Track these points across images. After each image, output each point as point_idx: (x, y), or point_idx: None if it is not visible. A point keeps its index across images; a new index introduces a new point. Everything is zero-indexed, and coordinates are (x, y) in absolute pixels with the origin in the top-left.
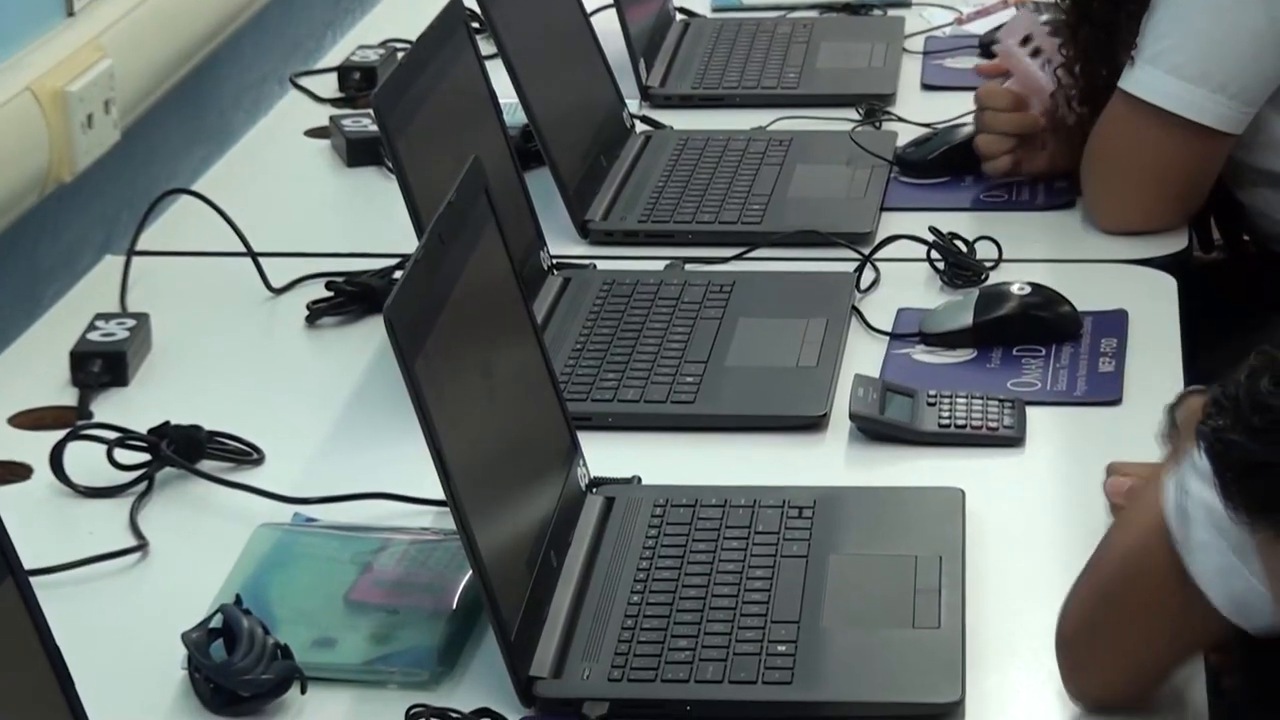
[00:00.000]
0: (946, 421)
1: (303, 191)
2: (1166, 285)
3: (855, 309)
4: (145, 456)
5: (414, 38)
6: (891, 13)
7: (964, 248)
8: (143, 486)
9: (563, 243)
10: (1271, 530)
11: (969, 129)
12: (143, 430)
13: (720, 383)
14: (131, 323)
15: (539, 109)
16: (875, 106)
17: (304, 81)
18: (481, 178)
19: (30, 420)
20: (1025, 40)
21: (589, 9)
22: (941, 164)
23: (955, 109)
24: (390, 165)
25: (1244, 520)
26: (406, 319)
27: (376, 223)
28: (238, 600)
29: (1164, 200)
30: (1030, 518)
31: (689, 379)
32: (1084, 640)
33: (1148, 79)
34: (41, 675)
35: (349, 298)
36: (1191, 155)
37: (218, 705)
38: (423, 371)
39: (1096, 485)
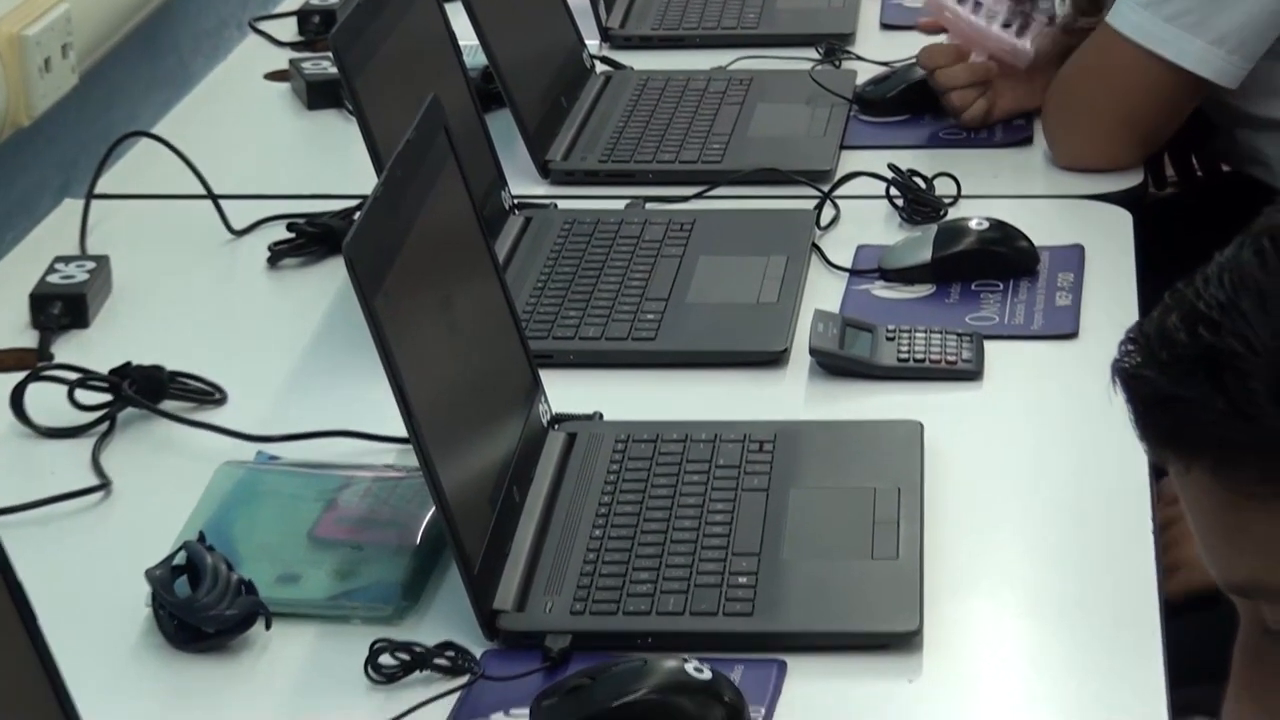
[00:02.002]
0: (905, 356)
1: (263, 134)
2: (1121, 220)
3: (815, 246)
4: (107, 397)
5: None
6: None
7: (923, 184)
8: (105, 427)
9: (524, 183)
10: (1180, 463)
11: None
12: (104, 371)
13: (681, 319)
14: (91, 265)
15: (499, 50)
16: (835, 46)
17: (263, 25)
18: (440, 115)
19: None
20: None
21: None
22: (900, 102)
23: (914, 48)
24: (350, 107)
25: (1154, 452)
26: (366, 256)
27: (337, 165)
28: (201, 537)
29: (1129, 142)
30: (988, 450)
31: (650, 316)
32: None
33: (1144, 22)
34: (5, 613)
35: (310, 239)
36: (1171, 102)
37: (182, 641)
38: (383, 308)
39: (1053, 417)
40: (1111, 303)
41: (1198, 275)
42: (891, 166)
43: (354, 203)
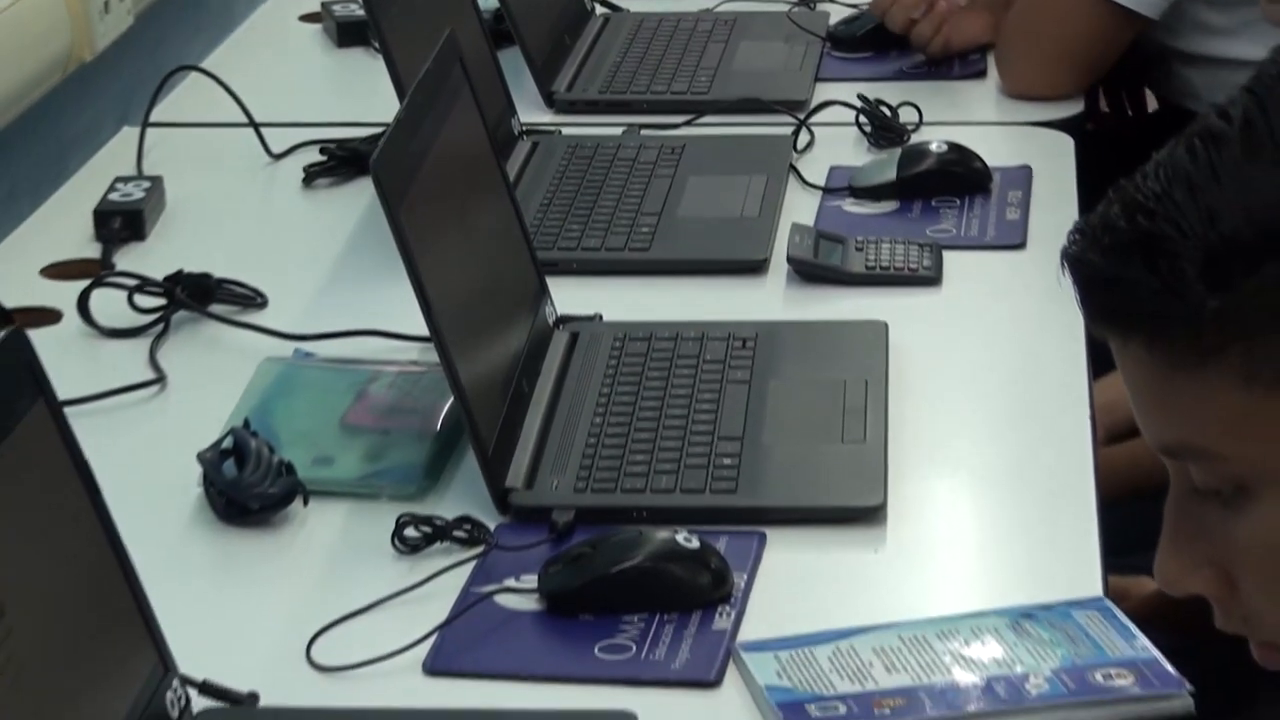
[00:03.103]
0: (872, 264)
1: (298, 69)
2: (1064, 144)
3: (792, 167)
4: (162, 301)
5: None
6: None
7: (888, 112)
8: (160, 328)
9: (531, 112)
10: (1119, 337)
11: None
12: (159, 278)
13: (672, 232)
14: (147, 184)
15: None
16: None
17: None
18: (456, 50)
19: (59, 271)
20: None
21: None
22: (869, 40)
23: None
24: (376, 45)
25: (1097, 328)
26: (391, 172)
27: (364, 96)
28: (246, 424)
29: (1071, 72)
30: (946, 346)
31: (645, 228)
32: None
33: None
34: (74, 491)
35: (340, 161)
36: (1106, 34)
37: (230, 516)
38: (406, 219)
39: (1003, 318)
40: (1055, 216)
41: (1138, 172)
42: (860, 97)
43: (379, 129)
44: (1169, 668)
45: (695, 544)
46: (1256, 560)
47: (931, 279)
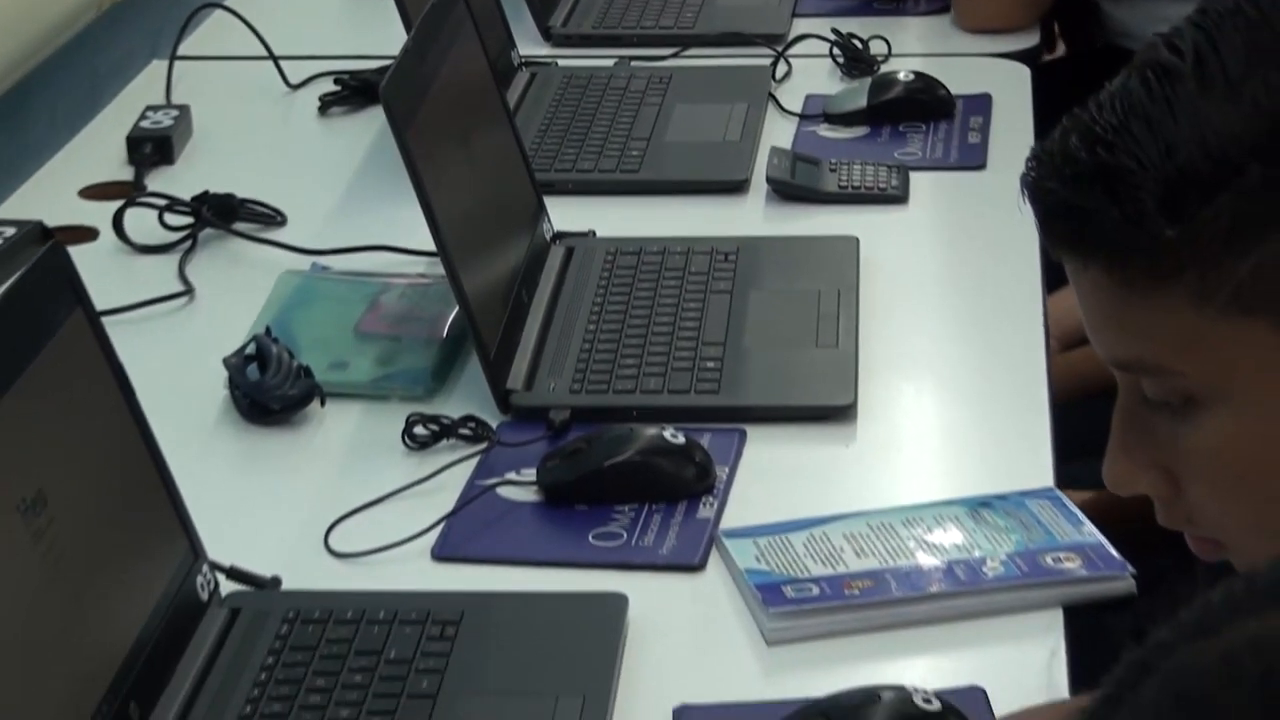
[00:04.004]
0: (845, 184)
1: (314, 6)
2: (1021, 74)
3: (771, 95)
4: (189, 220)
5: None
6: None
7: (860, 45)
8: (188, 244)
9: (529, 45)
10: (1078, 261)
11: None
12: (187, 199)
13: (660, 154)
14: (176, 113)
15: None
16: None
17: None
18: None
19: (96, 193)
20: None
21: None
22: None
23: None
24: None
25: (1056, 252)
26: (399, 99)
27: (375, 31)
28: (268, 332)
29: (1019, 6)
30: (912, 260)
31: (635, 152)
32: None
33: None
34: (111, 394)
35: (353, 91)
36: None
37: (253, 416)
38: (414, 142)
39: (967, 234)
40: (1013, 140)
41: (1091, 102)
42: (834, 30)
43: (389, 61)
44: (1113, 552)
45: (681, 440)
46: (1201, 465)
47: (899, 197)
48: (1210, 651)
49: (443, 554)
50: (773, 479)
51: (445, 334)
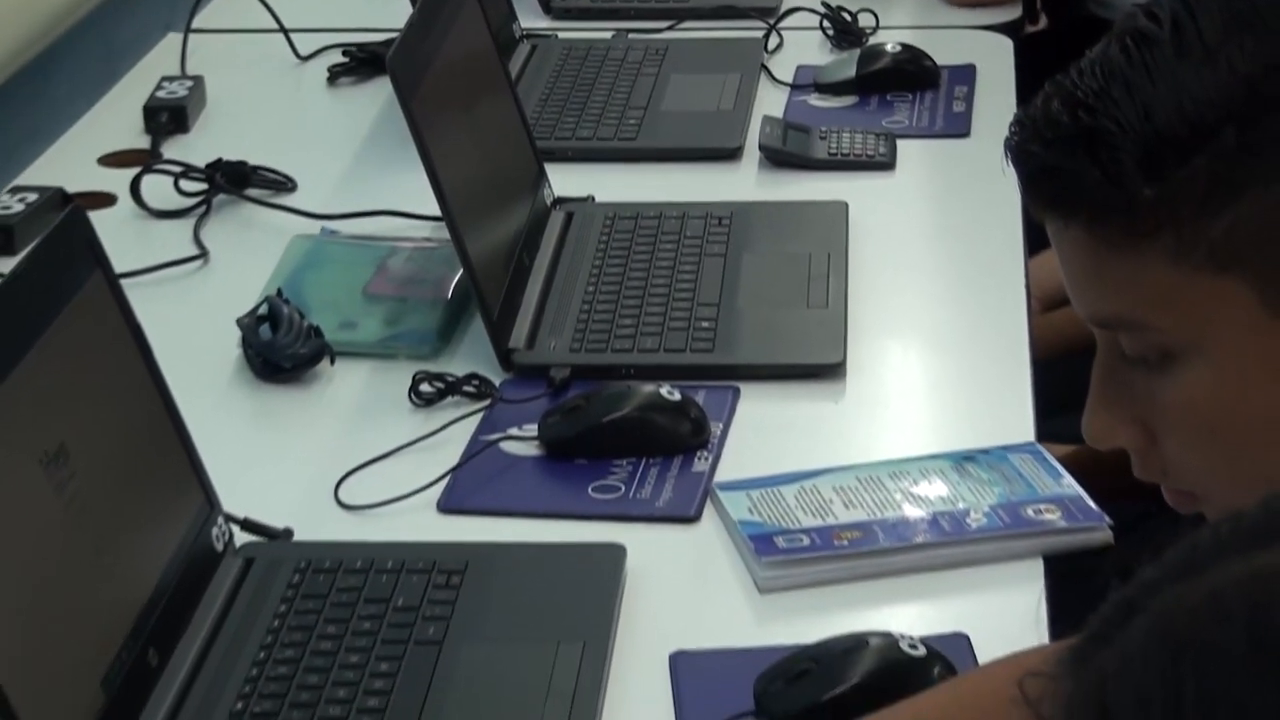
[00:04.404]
0: (834, 151)
1: None
2: (1004, 45)
3: (764, 66)
4: (204, 186)
5: None
6: None
7: (849, 17)
8: (202, 209)
9: (530, 18)
10: (1060, 221)
11: None
12: (201, 166)
13: (657, 123)
14: (190, 83)
15: None
16: None
17: None
18: None
19: (114, 160)
20: None
21: None
22: None
23: None
24: None
25: (1039, 213)
26: (405, 69)
27: (383, 5)
28: (279, 293)
29: None
30: (899, 224)
31: (632, 120)
32: None
33: None
34: (129, 352)
35: (361, 62)
36: None
37: (266, 374)
38: (419, 111)
39: (952, 199)
40: (996, 109)
41: (1072, 68)
42: (824, 3)
43: (396, 33)
44: (1091, 504)
45: (677, 396)
46: (1177, 418)
47: (886, 164)
48: (1197, 591)
49: (448, 506)
50: (765, 434)
51: (450, 295)
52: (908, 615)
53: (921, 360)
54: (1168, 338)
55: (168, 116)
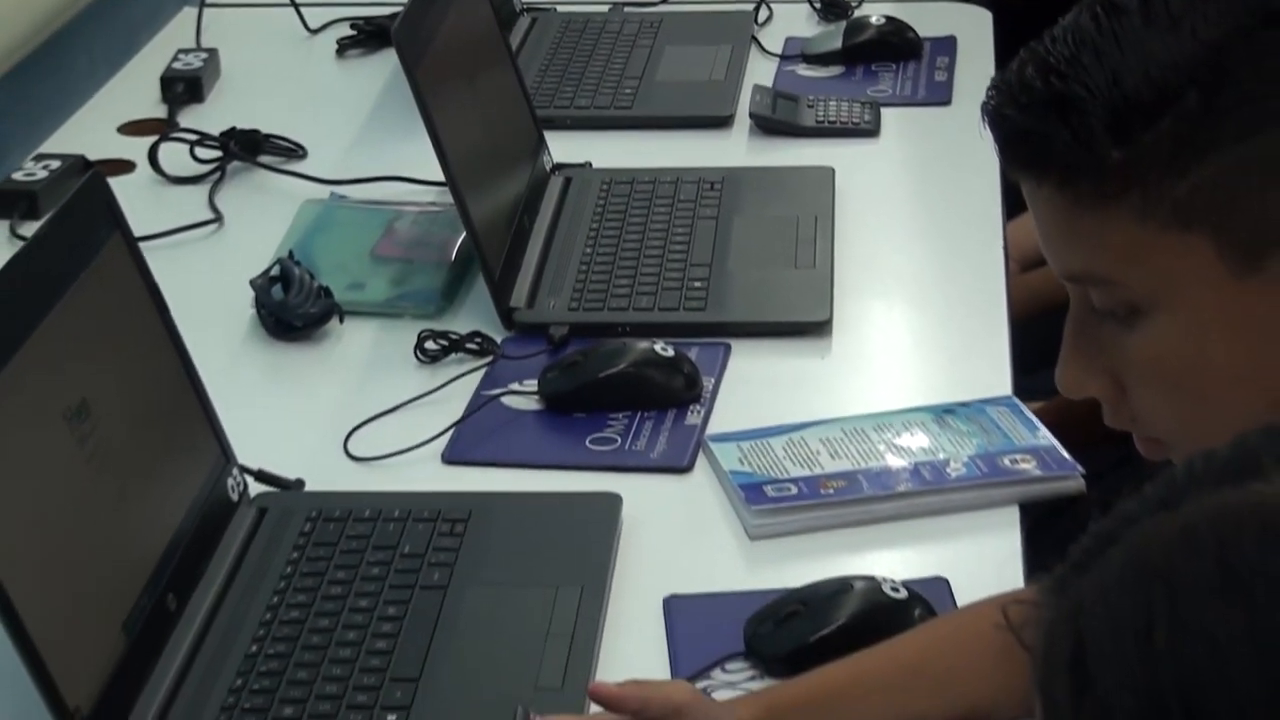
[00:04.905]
0: (821, 119)
1: None
2: (984, 18)
3: (754, 38)
4: (218, 153)
5: None
6: None
7: None
8: (217, 175)
9: None
10: (1033, 181)
11: None
12: (216, 134)
13: (651, 91)
14: (205, 55)
15: None
16: None
17: None
18: None
19: (133, 129)
20: None
21: None
22: None
23: None
24: None
25: (1013, 173)
26: (410, 40)
27: None
28: (291, 256)
29: None
30: (883, 188)
31: (628, 90)
32: None
33: None
34: (148, 312)
35: (368, 35)
36: None
37: (278, 333)
38: (424, 81)
39: (933, 165)
40: (976, 78)
41: (1046, 35)
42: None
43: (401, 7)
44: (1065, 454)
45: (671, 353)
46: (1144, 370)
47: (871, 131)
48: (1171, 524)
49: (452, 458)
50: (755, 388)
51: (454, 257)
52: (890, 560)
53: (904, 318)
54: (1134, 293)
55: (184, 87)
